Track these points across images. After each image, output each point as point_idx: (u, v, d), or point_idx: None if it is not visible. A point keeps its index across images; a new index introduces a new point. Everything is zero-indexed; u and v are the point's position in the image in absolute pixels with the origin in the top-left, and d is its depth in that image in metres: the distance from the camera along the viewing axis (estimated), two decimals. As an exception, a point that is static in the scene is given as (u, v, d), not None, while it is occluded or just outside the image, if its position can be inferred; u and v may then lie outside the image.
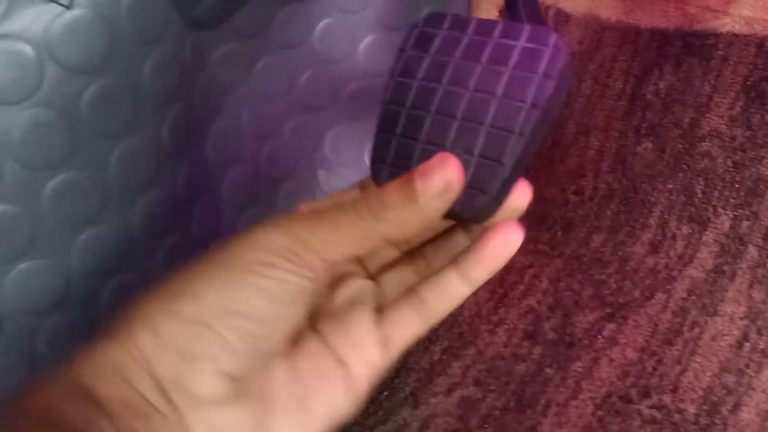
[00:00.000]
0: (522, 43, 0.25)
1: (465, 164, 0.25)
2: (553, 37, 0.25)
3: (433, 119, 0.26)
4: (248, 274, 0.22)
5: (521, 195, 0.26)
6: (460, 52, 0.26)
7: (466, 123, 0.25)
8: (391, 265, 0.28)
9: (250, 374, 0.23)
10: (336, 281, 0.27)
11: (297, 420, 0.24)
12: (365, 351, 0.25)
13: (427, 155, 0.26)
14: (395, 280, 0.28)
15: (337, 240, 0.23)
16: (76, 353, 0.21)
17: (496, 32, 0.26)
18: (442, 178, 0.24)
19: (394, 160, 0.27)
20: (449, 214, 0.25)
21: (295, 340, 0.25)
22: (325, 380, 0.25)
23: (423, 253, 0.28)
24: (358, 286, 0.27)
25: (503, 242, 0.26)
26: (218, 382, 0.22)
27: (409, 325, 0.26)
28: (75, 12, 0.28)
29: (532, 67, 0.25)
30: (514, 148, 0.24)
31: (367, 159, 0.44)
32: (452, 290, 0.26)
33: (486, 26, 0.26)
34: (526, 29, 0.25)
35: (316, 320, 0.26)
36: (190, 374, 0.21)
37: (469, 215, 0.25)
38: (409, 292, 0.27)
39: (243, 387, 0.22)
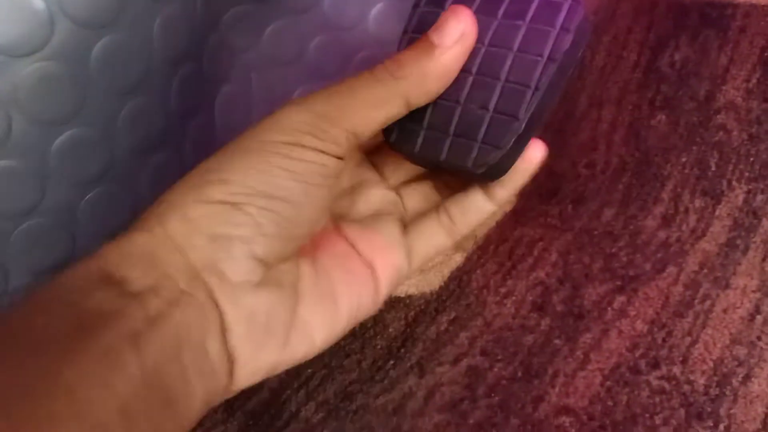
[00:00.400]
0: None
1: (479, 120, 0.25)
2: None
3: (447, 74, 0.25)
4: (275, 156, 0.22)
5: (535, 152, 0.25)
6: (476, 6, 0.26)
7: (482, 78, 0.25)
8: (412, 180, 0.29)
9: (280, 261, 0.22)
10: (358, 188, 0.27)
11: (324, 313, 0.24)
12: (391, 255, 0.26)
13: (440, 110, 0.25)
14: (417, 194, 0.28)
15: (357, 106, 0.23)
16: (101, 248, 0.20)
17: None
18: (456, 26, 0.24)
19: (407, 115, 0.26)
20: (462, 170, 0.25)
21: (319, 242, 0.25)
22: (352, 278, 0.25)
23: (441, 177, 0.28)
24: (381, 195, 0.28)
25: (526, 158, 0.26)
26: (251, 265, 0.21)
27: (434, 237, 0.27)
28: (84, -36, 0.28)
29: (549, 20, 0.24)
30: (530, 103, 0.24)
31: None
32: (477, 205, 0.27)
33: None
34: None
35: (340, 225, 0.26)
36: (223, 258, 0.21)
37: (482, 171, 0.25)
38: (434, 205, 0.27)
39: (274, 275, 0.22)
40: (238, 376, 0.21)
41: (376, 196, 0.27)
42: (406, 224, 0.27)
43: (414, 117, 0.26)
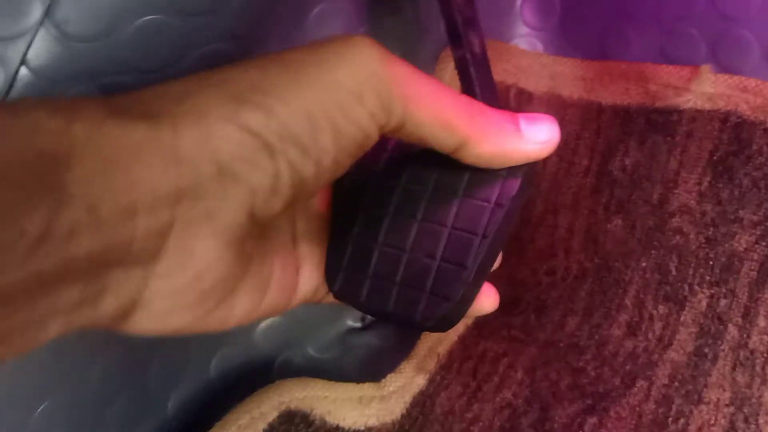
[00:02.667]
0: None
1: (426, 269, 0.23)
2: None
3: (392, 220, 0.24)
4: (332, 105, 0.19)
5: (487, 302, 0.24)
6: (420, 148, 0.25)
7: (428, 224, 0.24)
8: None
9: (254, 233, 0.19)
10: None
11: (254, 298, 0.22)
12: (319, 276, 0.25)
13: (385, 259, 0.24)
14: None
15: (429, 108, 0.21)
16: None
17: None
18: (549, 132, 0.23)
19: (350, 263, 0.25)
20: (408, 324, 0.23)
21: (275, 224, 0.23)
22: (284, 277, 0.23)
23: None
24: None
25: (477, 307, 0.25)
26: (239, 221, 0.18)
27: None
28: None
29: None
30: (478, 251, 0.23)
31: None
32: None
33: None
34: None
35: (295, 214, 0.24)
36: (217, 200, 0.18)
37: (430, 325, 0.23)
38: None
39: (247, 243, 0.19)
40: (135, 321, 0.19)
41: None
42: None
43: (359, 264, 0.24)
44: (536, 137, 0.23)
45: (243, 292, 0.21)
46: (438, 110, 0.21)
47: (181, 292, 0.18)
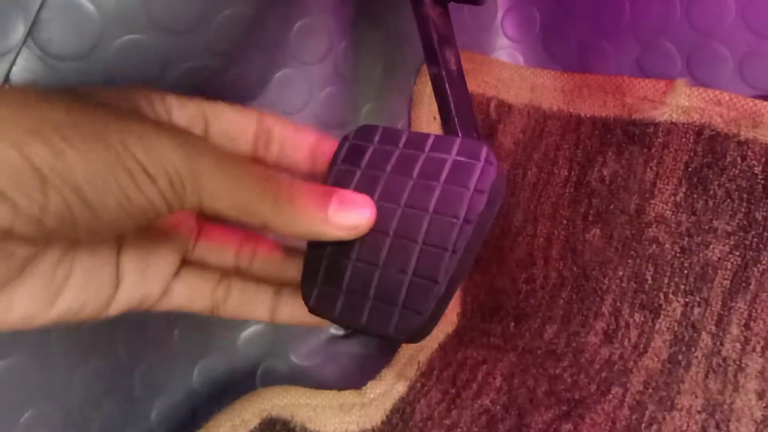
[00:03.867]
0: (453, 156, 0.25)
1: (398, 283, 0.24)
2: (484, 150, 0.24)
3: (366, 236, 0.25)
4: (123, 173, 0.20)
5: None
6: (392, 166, 0.25)
7: (400, 240, 0.24)
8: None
9: (28, 242, 0.20)
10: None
11: (38, 300, 0.22)
12: (146, 286, 0.25)
13: (359, 274, 0.25)
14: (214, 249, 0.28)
15: (227, 198, 0.22)
16: None
17: (428, 145, 0.25)
18: (356, 219, 0.24)
19: (325, 278, 0.25)
20: (381, 335, 0.24)
21: None
22: (89, 283, 0.23)
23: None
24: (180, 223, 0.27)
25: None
26: None
27: (196, 302, 0.26)
28: None
29: (463, 181, 0.24)
30: (448, 266, 0.23)
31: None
32: (252, 314, 0.27)
33: (417, 139, 0.26)
34: (457, 142, 0.25)
35: None
36: None
37: (402, 338, 0.24)
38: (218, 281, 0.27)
39: (9, 246, 0.20)
40: None
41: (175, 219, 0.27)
42: (188, 262, 0.27)
43: (333, 280, 0.25)
44: (342, 222, 0.24)
45: (21, 291, 0.22)
46: (236, 200, 0.22)
47: None
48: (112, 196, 0.20)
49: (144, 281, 0.25)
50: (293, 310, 0.28)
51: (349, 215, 0.24)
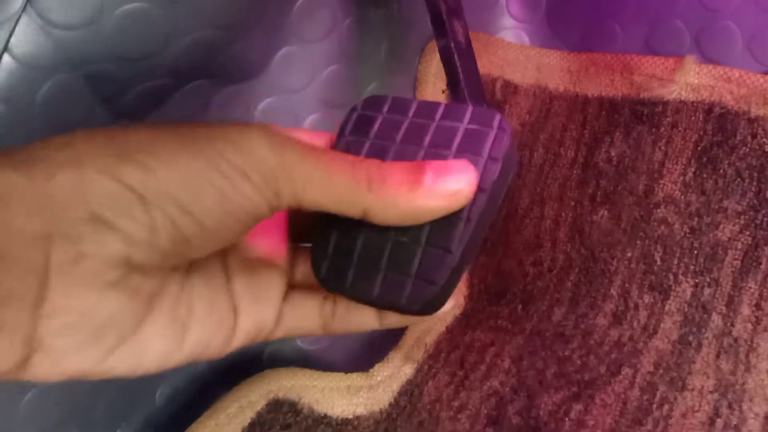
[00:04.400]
0: (465, 124, 0.24)
1: (411, 254, 0.23)
2: (497, 118, 0.24)
3: (375, 206, 0.24)
4: (216, 174, 0.19)
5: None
6: (401, 135, 0.25)
7: None
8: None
9: (149, 272, 0.20)
10: None
11: (168, 339, 0.21)
12: (261, 310, 0.24)
13: (370, 245, 0.24)
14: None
15: (321, 188, 0.21)
16: None
17: (438, 114, 0.25)
18: (457, 182, 0.22)
19: (335, 251, 0.25)
20: (393, 307, 0.23)
21: (198, 261, 0.22)
22: (213, 316, 0.23)
23: None
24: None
25: None
26: (115, 265, 0.18)
27: (307, 321, 0.26)
28: None
29: (476, 149, 0.23)
30: (463, 235, 0.23)
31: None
32: (362, 320, 0.26)
33: (427, 108, 0.25)
34: (469, 110, 0.24)
35: (227, 255, 0.24)
36: (90, 243, 0.18)
37: (415, 309, 0.23)
38: (323, 298, 0.26)
39: (134, 280, 0.19)
40: (36, 365, 0.18)
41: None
42: (293, 288, 0.26)
43: (343, 251, 0.24)
44: (443, 190, 0.22)
45: (152, 332, 0.21)
46: (331, 189, 0.21)
47: (72, 329, 0.19)
48: (210, 199, 0.19)
49: (258, 307, 0.25)
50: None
51: (447, 181, 0.22)
